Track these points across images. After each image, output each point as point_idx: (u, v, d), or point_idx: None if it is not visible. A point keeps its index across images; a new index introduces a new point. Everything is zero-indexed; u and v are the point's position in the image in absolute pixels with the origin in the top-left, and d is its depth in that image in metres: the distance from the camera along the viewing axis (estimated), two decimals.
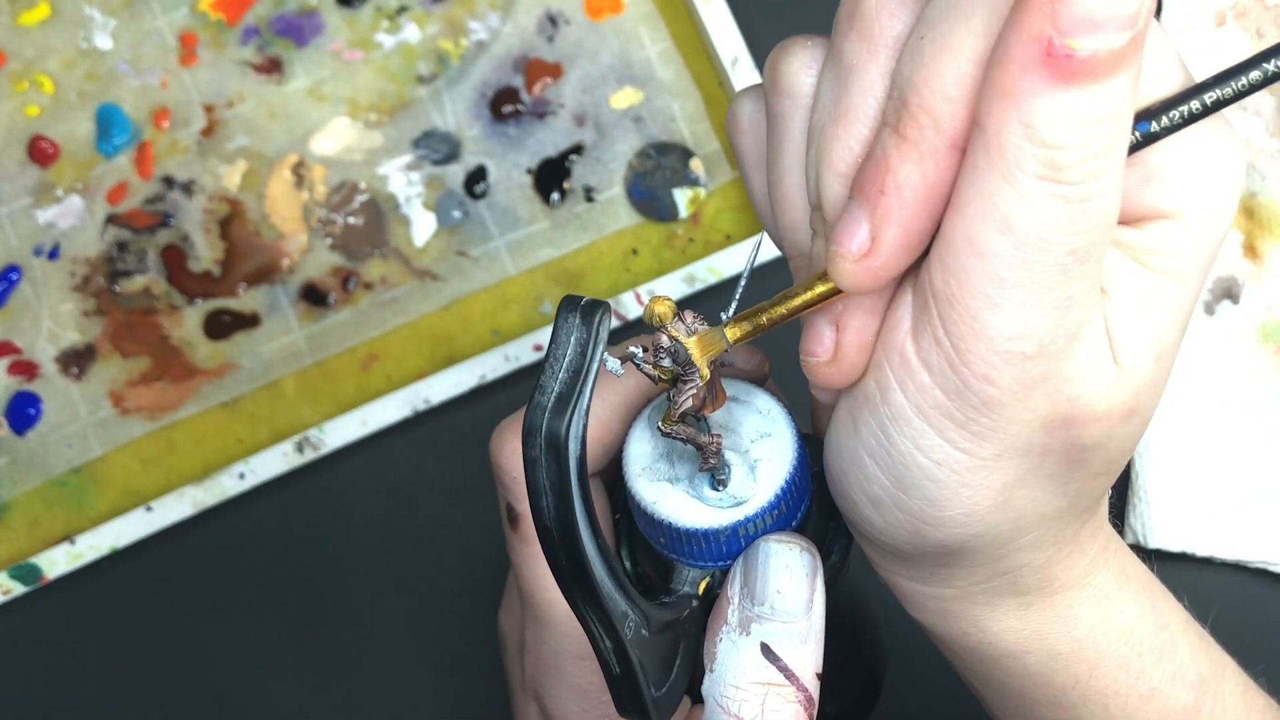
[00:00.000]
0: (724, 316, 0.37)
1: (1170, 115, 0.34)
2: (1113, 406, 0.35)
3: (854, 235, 0.34)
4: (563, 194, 0.63)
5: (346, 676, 0.62)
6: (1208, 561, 0.60)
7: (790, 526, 0.41)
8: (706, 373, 0.37)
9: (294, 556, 0.62)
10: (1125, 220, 0.35)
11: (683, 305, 0.60)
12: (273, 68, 0.63)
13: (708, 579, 0.41)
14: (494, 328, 0.62)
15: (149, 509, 0.60)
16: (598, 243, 0.63)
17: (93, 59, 0.64)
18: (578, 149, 0.63)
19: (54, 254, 0.63)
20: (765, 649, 0.38)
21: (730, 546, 0.39)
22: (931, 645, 0.43)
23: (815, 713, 0.39)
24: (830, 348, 0.36)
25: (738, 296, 0.38)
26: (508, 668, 0.47)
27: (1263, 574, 0.61)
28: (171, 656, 0.62)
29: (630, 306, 0.61)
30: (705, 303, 0.61)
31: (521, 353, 0.61)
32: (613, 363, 0.37)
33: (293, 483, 0.61)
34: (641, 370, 0.37)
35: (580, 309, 0.35)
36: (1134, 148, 0.34)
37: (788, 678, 0.38)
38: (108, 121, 0.63)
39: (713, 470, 0.39)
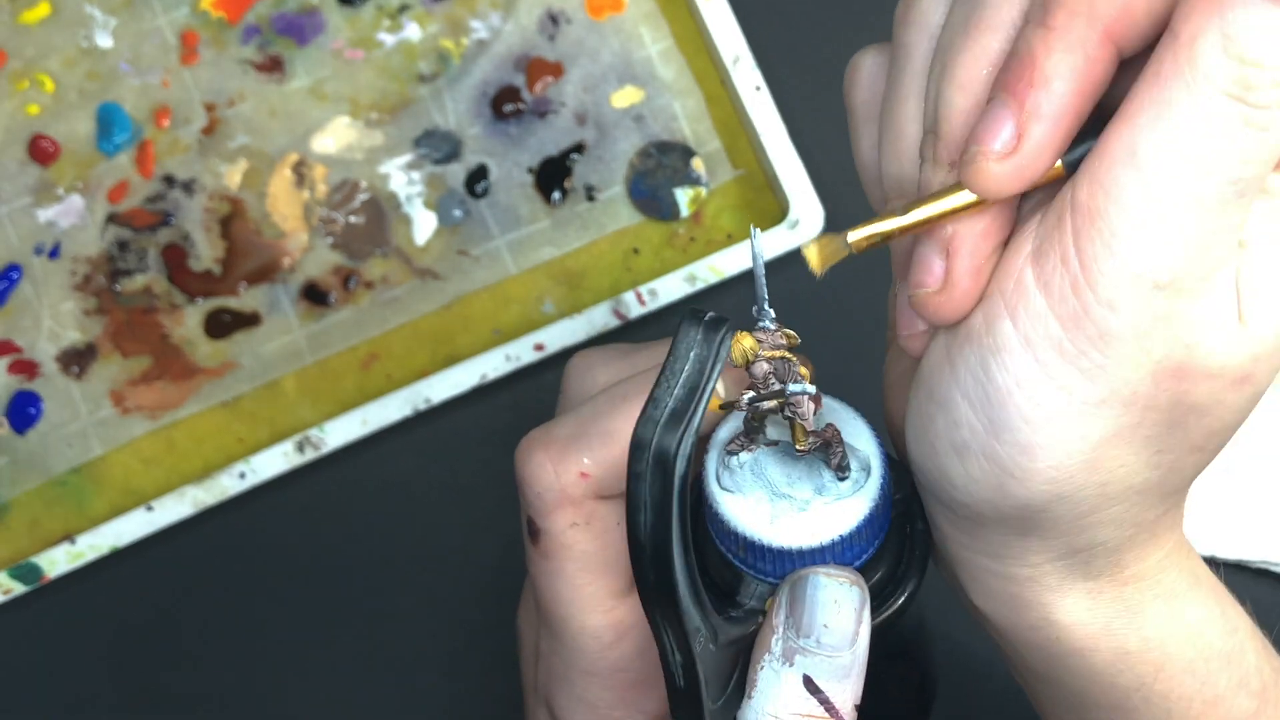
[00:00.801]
0: (757, 311, 0.37)
1: None
2: (1227, 365, 0.34)
3: (998, 133, 0.32)
4: (564, 193, 0.63)
5: (346, 676, 0.62)
6: (1208, 561, 0.60)
7: (876, 542, 0.40)
8: (806, 371, 0.37)
9: (294, 556, 0.62)
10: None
11: (683, 305, 0.61)
12: (274, 66, 0.63)
13: (772, 599, 0.40)
14: (495, 327, 0.62)
15: (149, 509, 0.60)
16: (599, 242, 0.62)
17: (93, 58, 0.64)
18: (579, 148, 0.63)
19: (54, 253, 0.62)
20: (808, 681, 0.38)
21: (886, 515, 0.39)
22: (980, 670, 0.43)
23: None
24: (940, 276, 0.35)
25: (764, 286, 0.37)
26: (522, 666, 0.47)
27: (1263, 574, 0.61)
28: (171, 656, 0.62)
29: (631, 306, 0.61)
30: (706, 302, 0.61)
31: (522, 352, 0.61)
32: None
33: (293, 482, 0.61)
34: (761, 410, 0.37)
35: (704, 324, 0.34)
36: None
37: (828, 710, 0.38)
38: (108, 120, 0.63)
39: (842, 461, 0.38)
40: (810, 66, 0.63)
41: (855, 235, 0.36)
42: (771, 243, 0.61)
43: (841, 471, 0.39)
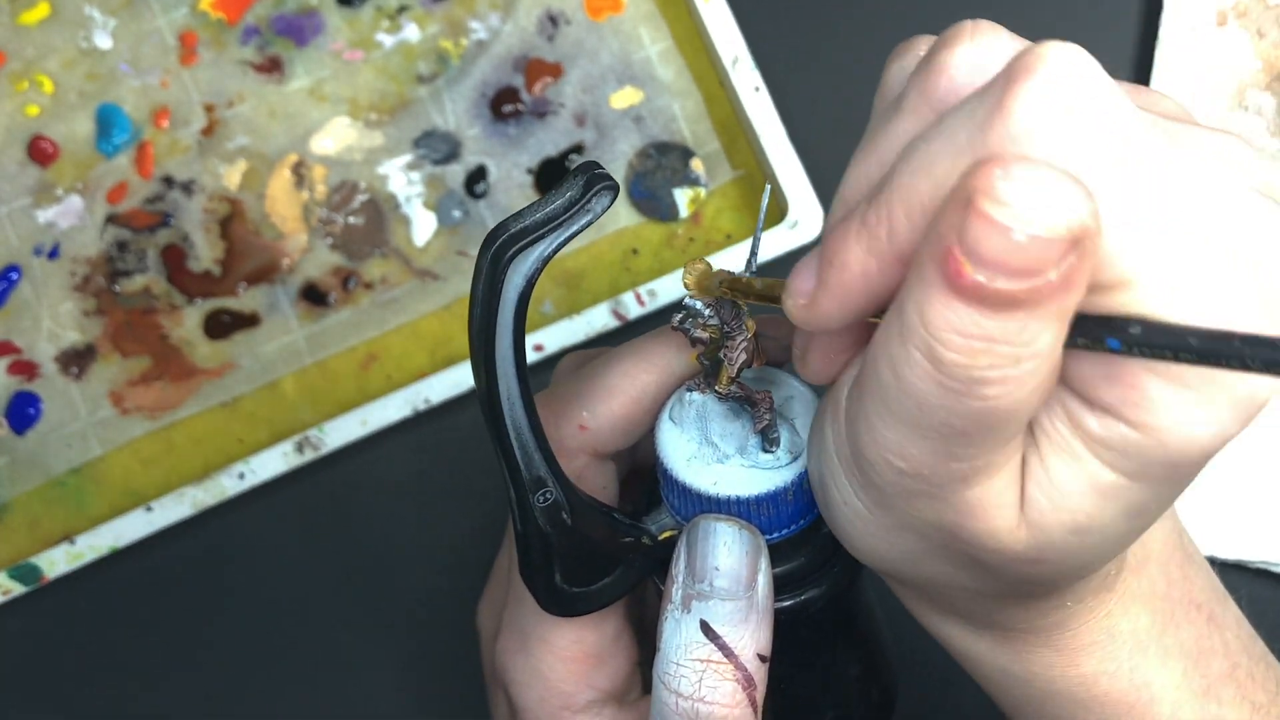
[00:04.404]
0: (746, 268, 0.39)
1: (1148, 348, 0.30)
2: (1005, 549, 0.34)
3: (804, 283, 0.34)
4: None
5: (346, 677, 0.62)
6: (1207, 561, 0.60)
7: (790, 527, 0.41)
8: (751, 324, 0.39)
9: (294, 556, 0.62)
10: (1086, 399, 0.33)
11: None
12: (273, 67, 0.63)
13: (670, 533, 0.42)
14: None
15: (149, 509, 0.60)
16: (598, 242, 0.63)
17: (93, 59, 0.64)
18: (578, 149, 0.63)
19: (54, 254, 0.63)
20: (704, 626, 0.39)
21: (797, 505, 0.40)
22: (940, 672, 0.44)
23: (758, 694, 0.39)
24: (801, 348, 0.38)
25: (757, 250, 0.40)
26: (483, 661, 0.48)
27: (1263, 574, 0.61)
28: (171, 656, 0.62)
29: (631, 307, 0.61)
30: None
31: None
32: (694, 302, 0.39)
33: (293, 483, 0.61)
34: (692, 336, 0.39)
35: (590, 177, 0.36)
36: (1088, 348, 0.31)
37: (726, 655, 0.39)
38: (108, 121, 0.63)
39: (766, 429, 0.40)
40: (809, 67, 0.63)
41: (727, 276, 0.39)
42: (771, 243, 0.61)
43: (768, 443, 0.40)
